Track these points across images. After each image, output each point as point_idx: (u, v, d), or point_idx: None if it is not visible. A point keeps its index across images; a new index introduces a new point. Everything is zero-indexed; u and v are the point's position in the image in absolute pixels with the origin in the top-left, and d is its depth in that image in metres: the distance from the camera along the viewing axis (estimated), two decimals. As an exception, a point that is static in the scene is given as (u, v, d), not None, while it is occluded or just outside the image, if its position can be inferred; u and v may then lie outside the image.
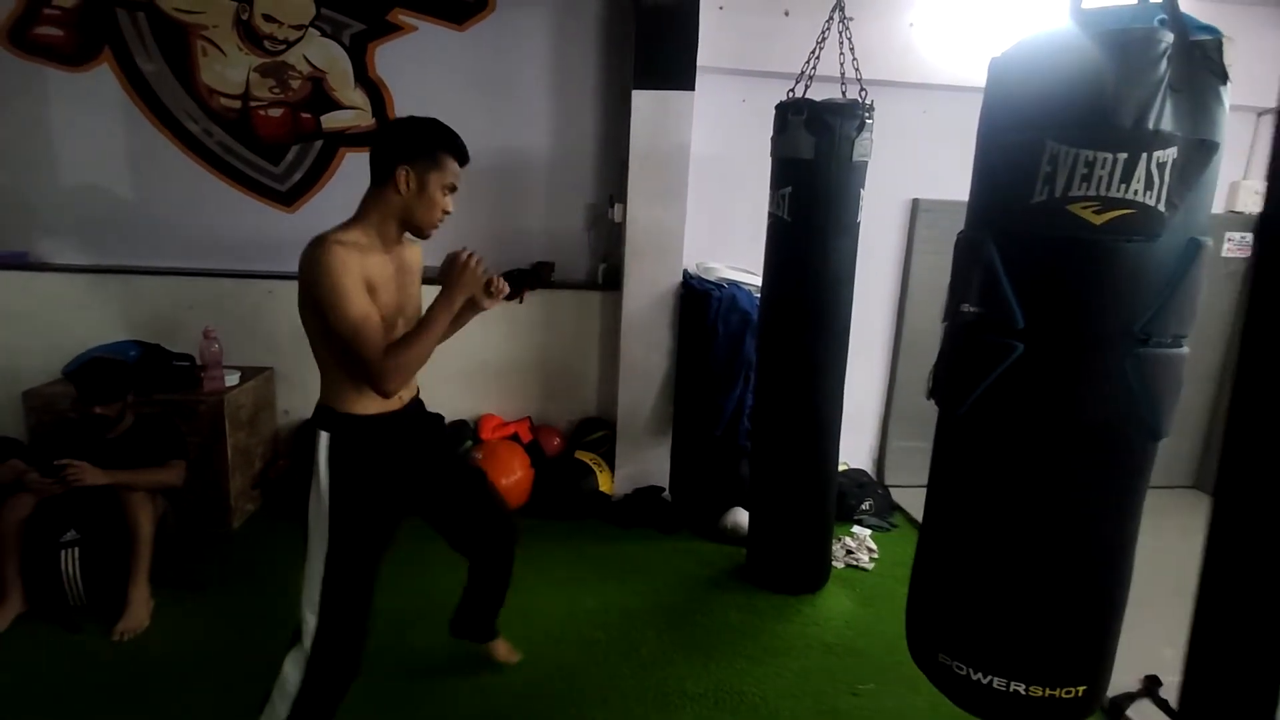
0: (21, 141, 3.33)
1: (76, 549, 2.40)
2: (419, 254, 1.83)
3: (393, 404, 1.71)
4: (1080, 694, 1.36)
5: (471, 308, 1.79)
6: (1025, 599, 1.36)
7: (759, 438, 2.86)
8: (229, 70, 3.33)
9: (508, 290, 1.81)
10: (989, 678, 1.37)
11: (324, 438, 1.63)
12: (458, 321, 1.83)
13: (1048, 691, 1.35)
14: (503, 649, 2.26)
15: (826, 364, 2.66)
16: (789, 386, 2.68)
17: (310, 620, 1.65)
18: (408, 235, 1.73)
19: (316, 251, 1.55)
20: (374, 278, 1.61)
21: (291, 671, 1.66)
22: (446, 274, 1.67)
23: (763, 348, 2.79)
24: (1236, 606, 0.78)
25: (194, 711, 2.03)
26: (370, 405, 1.67)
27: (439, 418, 1.98)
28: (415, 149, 1.64)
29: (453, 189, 1.69)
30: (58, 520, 2.40)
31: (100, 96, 3.29)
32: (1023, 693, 1.35)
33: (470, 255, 1.67)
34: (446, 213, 1.70)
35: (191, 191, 3.42)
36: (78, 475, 2.33)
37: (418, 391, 1.86)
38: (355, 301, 1.55)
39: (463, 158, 1.71)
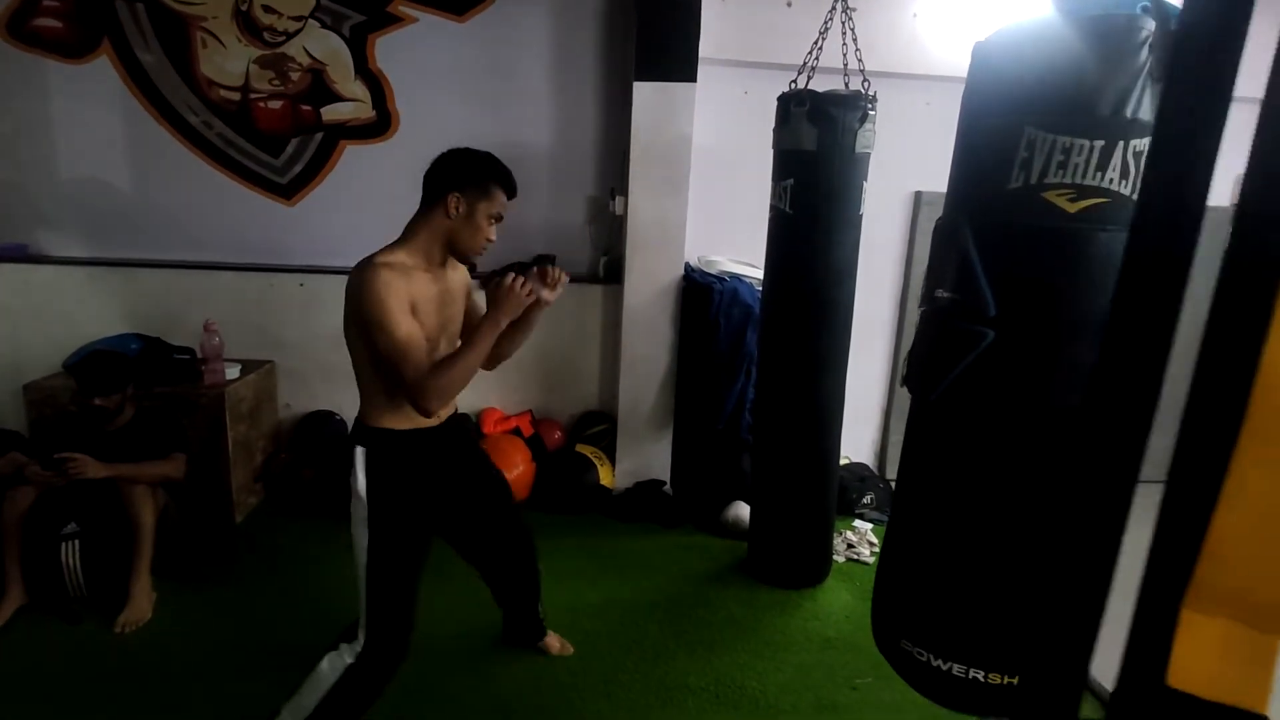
0: (21, 134, 3.32)
1: (77, 541, 2.40)
2: (465, 276, 1.88)
3: (430, 420, 1.74)
4: None
5: (538, 307, 1.78)
6: (990, 587, 1.36)
7: (761, 431, 2.85)
8: (228, 62, 3.32)
9: (567, 278, 1.82)
10: (949, 664, 1.37)
11: (360, 453, 1.68)
12: (523, 326, 1.84)
13: (1006, 679, 1.35)
14: (555, 643, 2.33)
15: (829, 357, 2.65)
16: (791, 380, 2.67)
17: (360, 637, 1.70)
18: (453, 259, 1.78)
19: (364, 274, 1.59)
20: (417, 298, 1.65)
21: (328, 671, 1.71)
22: (491, 298, 1.70)
23: (764, 341, 2.78)
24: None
25: (195, 704, 2.03)
26: (406, 421, 1.71)
27: (471, 434, 1.98)
28: (467, 177, 1.69)
29: (499, 219, 1.73)
30: (58, 513, 2.40)
31: (100, 88, 3.28)
32: (982, 680, 1.35)
33: (515, 279, 1.69)
34: (490, 241, 1.74)
35: (191, 184, 3.41)
36: (78, 468, 2.33)
37: (455, 409, 1.90)
38: (401, 323, 1.58)
39: (512, 191, 1.75)
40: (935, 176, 3.55)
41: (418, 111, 3.44)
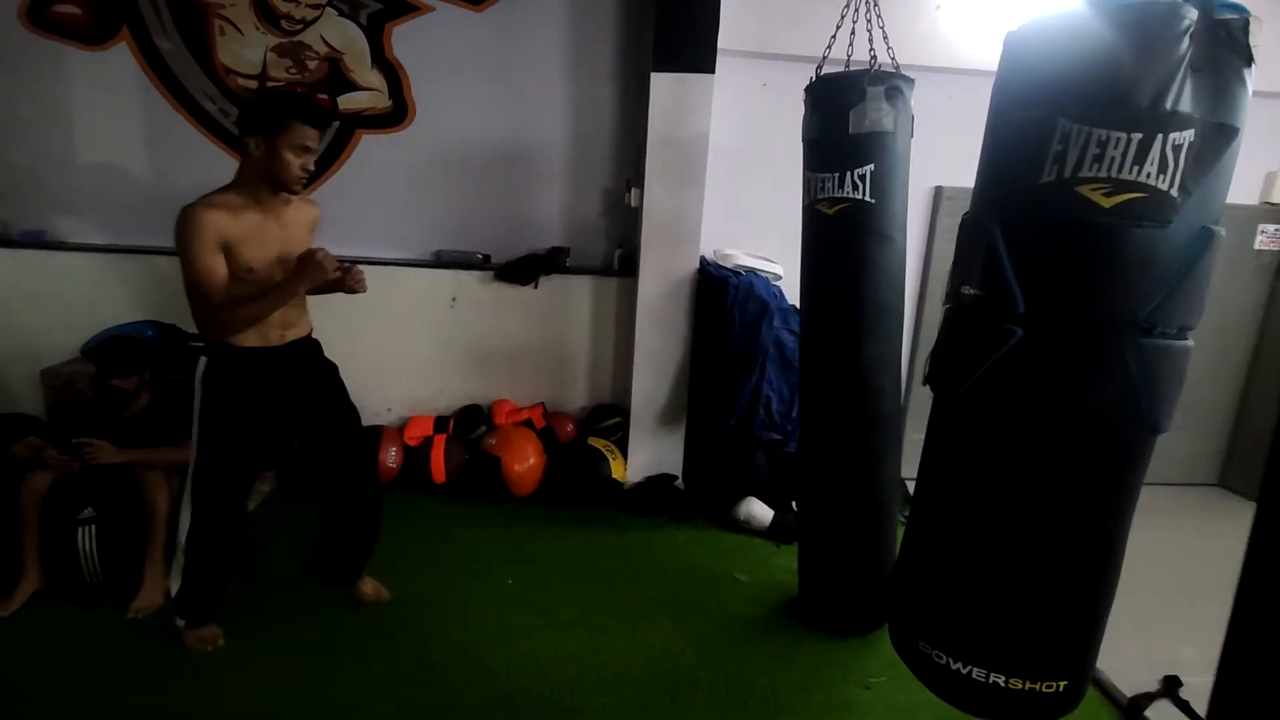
0: (40, 120, 3.34)
1: (93, 526, 2.41)
2: (311, 214, 2.13)
3: (271, 340, 2.03)
4: (1061, 689, 1.34)
5: (341, 289, 2.07)
6: (1010, 589, 1.33)
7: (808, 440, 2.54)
8: (246, 50, 3.32)
9: (366, 287, 2.07)
10: (968, 668, 1.35)
11: (202, 361, 2.02)
12: (321, 293, 2.14)
13: (1028, 684, 1.33)
14: (369, 587, 2.47)
15: (882, 362, 2.44)
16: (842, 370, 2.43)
17: (187, 514, 2.10)
18: (306, 197, 2.09)
19: (181, 213, 1.87)
20: (239, 234, 1.90)
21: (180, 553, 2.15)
22: (299, 264, 1.93)
23: (811, 349, 2.50)
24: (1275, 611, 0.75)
25: (207, 690, 2.04)
26: (246, 339, 1.99)
27: (326, 364, 2.24)
28: (260, 119, 1.90)
29: (305, 149, 1.92)
30: (75, 498, 2.42)
31: (118, 75, 3.29)
32: (1002, 684, 1.33)
33: (328, 255, 1.93)
34: (305, 171, 1.94)
35: (208, 171, 3.36)
36: (94, 453, 2.35)
37: (308, 333, 2.17)
38: (200, 259, 1.85)
39: (315, 120, 1.93)
40: (956, 171, 3.53)
41: (434, 101, 3.43)
